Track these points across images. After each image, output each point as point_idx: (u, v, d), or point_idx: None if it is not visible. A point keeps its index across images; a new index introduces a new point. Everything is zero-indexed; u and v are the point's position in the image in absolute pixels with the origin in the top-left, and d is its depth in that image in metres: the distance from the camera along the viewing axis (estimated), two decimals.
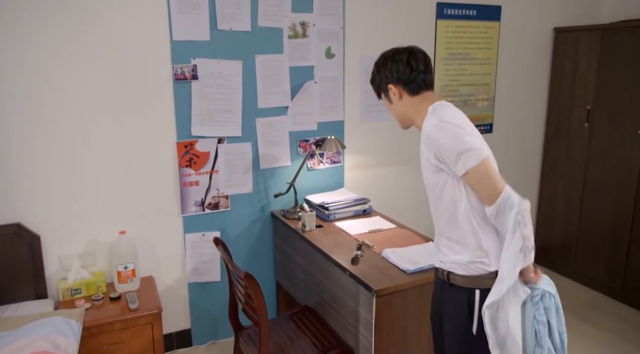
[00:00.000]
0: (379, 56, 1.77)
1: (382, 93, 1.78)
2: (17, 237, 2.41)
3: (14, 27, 2.26)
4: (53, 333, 2.05)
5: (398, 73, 1.69)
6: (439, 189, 1.65)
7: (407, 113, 1.73)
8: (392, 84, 1.71)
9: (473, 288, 1.63)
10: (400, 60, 1.69)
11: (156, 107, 2.60)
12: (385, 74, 1.72)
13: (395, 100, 1.73)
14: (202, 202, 2.78)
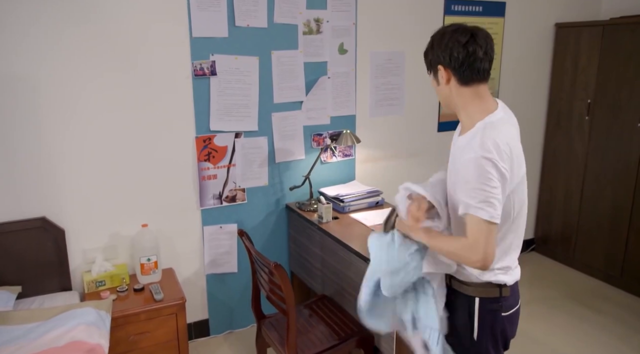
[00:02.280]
0: (439, 29, 1.58)
1: (432, 72, 1.62)
2: (42, 231, 2.46)
3: (37, 26, 2.30)
4: (86, 323, 2.11)
5: (451, 56, 1.51)
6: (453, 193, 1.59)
7: (452, 102, 1.59)
8: (442, 65, 1.54)
9: (473, 296, 1.62)
10: (458, 41, 1.50)
11: (176, 103, 2.65)
12: (437, 53, 1.55)
13: (443, 83, 1.57)
14: (219, 196, 2.85)
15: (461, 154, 1.52)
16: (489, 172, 1.42)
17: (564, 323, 3.16)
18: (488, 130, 1.48)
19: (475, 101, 1.54)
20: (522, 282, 3.74)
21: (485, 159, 1.42)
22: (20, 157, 2.38)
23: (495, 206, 1.43)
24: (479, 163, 1.43)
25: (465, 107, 1.56)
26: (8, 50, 2.27)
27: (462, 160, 1.48)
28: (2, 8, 2.22)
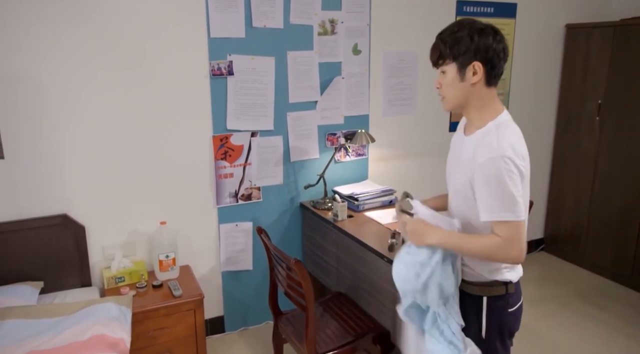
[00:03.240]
0: (470, 21, 1.50)
1: (454, 63, 1.50)
2: (64, 228, 2.50)
3: (58, 26, 2.35)
4: (108, 318, 2.15)
5: (495, 54, 1.47)
6: (462, 196, 1.59)
7: (469, 100, 1.55)
8: (480, 61, 1.47)
9: (481, 295, 1.64)
10: (501, 41, 1.48)
11: (194, 102, 2.70)
12: (479, 46, 1.46)
13: (469, 80, 1.50)
14: (235, 194, 2.89)
15: (472, 154, 1.51)
16: (510, 171, 1.43)
17: (572, 321, 3.19)
18: (502, 129, 1.49)
19: (492, 102, 1.55)
20: (531, 281, 3.81)
21: (506, 158, 1.42)
22: (43, 155, 2.43)
23: (520, 203, 1.45)
24: (498, 164, 1.42)
25: (481, 108, 1.55)
26: (36, 49, 2.31)
27: (479, 162, 1.46)
28: (38, 6, 2.27)
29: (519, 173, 1.45)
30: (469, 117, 1.61)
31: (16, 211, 2.42)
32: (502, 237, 1.47)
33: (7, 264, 2.40)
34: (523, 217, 1.46)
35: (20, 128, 2.36)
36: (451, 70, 1.52)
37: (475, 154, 1.49)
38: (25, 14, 2.27)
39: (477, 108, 1.55)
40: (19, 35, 2.28)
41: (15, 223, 2.40)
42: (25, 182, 2.42)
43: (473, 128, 1.58)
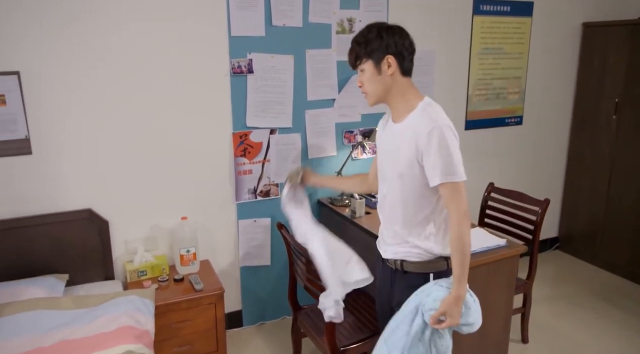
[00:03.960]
0: (379, 24, 1.71)
1: (371, 61, 1.69)
2: (88, 222, 2.56)
3: (86, 25, 2.41)
4: (133, 310, 2.20)
5: (403, 47, 1.67)
6: (408, 178, 1.71)
7: (390, 90, 1.71)
8: (392, 55, 1.66)
9: (427, 272, 1.77)
10: (407, 37, 1.70)
11: (214, 100, 2.74)
12: (388, 42, 1.66)
13: (386, 73, 1.68)
14: (254, 190, 2.93)
15: (413, 132, 1.66)
16: (453, 138, 1.64)
17: (588, 319, 3.19)
18: (434, 107, 1.70)
19: (411, 89, 1.74)
20: (546, 279, 3.82)
21: (447, 126, 1.64)
22: (69, 152, 2.49)
23: (461, 165, 1.66)
24: (442, 131, 1.61)
25: (403, 95, 1.72)
26: (63, 49, 2.37)
27: (426, 132, 1.62)
28: (70, 5, 2.33)
29: (457, 140, 1.67)
30: (395, 106, 1.76)
31: (43, 205, 2.48)
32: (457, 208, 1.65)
33: (34, 257, 2.47)
34: (464, 177, 1.66)
35: (47, 125, 2.42)
36: (368, 67, 1.70)
37: (416, 129, 1.65)
38: (58, 12, 2.33)
39: (401, 95, 1.72)
40: (48, 36, 2.34)
41: (42, 217, 2.46)
42: (51, 178, 2.48)
43: (402, 114, 1.73)
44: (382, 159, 1.84)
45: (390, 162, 1.77)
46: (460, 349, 2.36)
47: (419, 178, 1.69)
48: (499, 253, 2.35)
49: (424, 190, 1.71)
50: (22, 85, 2.33)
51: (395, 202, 1.78)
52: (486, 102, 3.65)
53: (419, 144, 1.64)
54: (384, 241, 1.89)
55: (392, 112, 1.79)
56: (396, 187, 1.76)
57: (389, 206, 1.81)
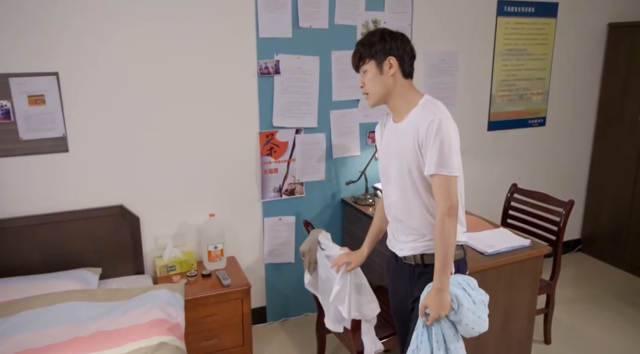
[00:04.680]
0: (382, 29, 1.80)
1: (373, 62, 1.77)
2: (120, 218, 2.65)
3: (121, 28, 2.49)
4: (164, 303, 2.28)
5: (404, 51, 1.76)
6: (416, 173, 1.74)
7: (391, 91, 1.77)
8: (394, 57, 1.75)
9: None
10: (408, 42, 1.79)
11: (242, 100, 2.81)
12: (391, 46, 1.75)
13: (387, 73, 1.75)
14: (279, 189, 2.99)
15: (415, 127, 1.71)
16: (449, 130, 1.67)
17: (611, 320, 3.18)
18: (435, 103, 1.75)
19: (412, 89, 1.80)
20: (569, 281, 3.81)
21: (444, 118, 1.68)
22: (103, 150, 2.58)
23: (455, 160, 1.69)
24: (439, 123, 1.66)
25: (405, 96, 1.78)
26: (98, 52, 2.46)
27: (426, 124, 1.67)
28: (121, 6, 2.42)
29: (456, 133, 1.71)
30: (396, 106, 1.81)
31: (78, 201, 2.57)
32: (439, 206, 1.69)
33: (68, 251, 2.56)
34: (456, 173, 1.70)
35: (83, 124, 2.51)
36: (371, 67, 1.78)
37: (417, 123, 1.70)
38: (94, 16, 2.42)
39: (402, 95, 1.78)
40: (85, 38, 2.43)
41: (77, 212, 2.56)
42: (86, 175, 2.57)
43: (403, 113, 1.79)
44: (386, 160, 1.87)
45: (395, 161, 1.80)
46: (483, 347, 2.39)
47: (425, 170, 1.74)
48: (523, 253, 2.37)
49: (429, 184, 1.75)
50: (60, 86, 2.42)
51: (407, 199, 1.80)
52: (509, 103, 3.65)
53: (420, 136, 1.70)
54: (397, 240, 1.90)
55: (393, 113, 1.84)
56: (406, 185, 1.78)
57: (401, 205, 1.83)
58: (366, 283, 2.12)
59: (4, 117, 2.35)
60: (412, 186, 1.77)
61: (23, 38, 2.33)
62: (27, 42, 2.34)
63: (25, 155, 2.43)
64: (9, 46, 2.31)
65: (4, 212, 2.45)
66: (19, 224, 2.45)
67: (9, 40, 2.31)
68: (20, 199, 2.47)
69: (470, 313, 1.69)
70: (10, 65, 2.33)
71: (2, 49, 2.31)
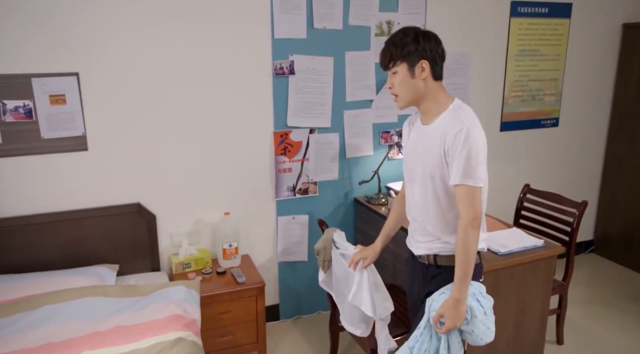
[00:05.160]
0: (415, 28, 1.75)
1: (405, 64, 1.72)
2: (137, 216, 2.69)
3: (138, 29, 2.54)
4: (181, 299, 2.32)
5: (437, 53, 1.73)
6: (439, 179, 1.74)
7: (422, 94, 1.75)
8: (426, 60, 1.71)
9: None
10: (440, 43, 1.76)
11: (257, 100, 2.85)
12: (424, 48, 1.71)
13: (419, 77, 1.72)
14: (293, 188, 3.02)
15: (443, 133, 1.70)
16: (478, 140, 1.66)
17: (624, 322, 3.17)
18: (465, 108, 1.74)
19: (443, 92, 1.78)
20: (581, 282, 3.81)
21: (474, 127, 1.67)
22: (121, 149, 2.63)
23: (483, 171, 1.68)
24: (467, 133, 1.65)
25: (435, 98, 1.76)
26: (110, 55, 2.51)
27: (454, 132, 1.66)
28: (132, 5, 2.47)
29: (483, 141, 1.70)
30: (426, 108, 1.79)
31: (96, 198, 2.62)
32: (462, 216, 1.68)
33: (87, 247, 2.61)
34: (481, 184, 1.68)
35: (102, 123, 2.56)
36: (402, 69, 1.74)
37: (446, 130, 1.69)
38: (114, 18, 2.47)
39: (433, 98, 1.76)
40: (104, 39, 2.48)
41: (96, 210, 2.61)
42: (105, 173, 2.62)
43: (432, 116, 1.77)
44: (411, 161, 1.86)
45: (420, 163, 1.80)
46: (496, 347, 2.40)
47: (448, 178, 1.73)
48: (536, 253, 2.38)
49: (454, 189, 1.74)
50: (80, 86, 2.47)
51: (426, 202, 1.81)
52: (522, 104, 3.66)
53: (447, 144, 1.68)
54: (414, 239, 1.92)
55: (422, 114, 1.82)
56: (427, 188, 1.78)
57: (420, 206, 1.84)
58: (381, 281, 2.14)
59: (26, 116, 2.41)
60: (432, 190, 1.77)
61: (45, 40, 2.38)
62: (48, 44, 2.39)
63: (46, 153, 2.49)
64: (32, 47, 2.37)
65: (25, 209, 2.50)
66: (39, 221, 2.50)
67: (31, 41, 2.36)
68: (41, 197, 2.52)
69: (481, 324, 1.71)
70: (33, 65, 2.38)
71: (25, 50, 2.36)
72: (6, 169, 2.44)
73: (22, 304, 2.17)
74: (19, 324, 2.06)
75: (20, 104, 2.39)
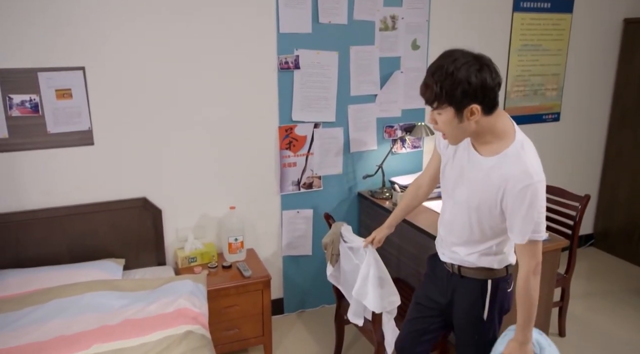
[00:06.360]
0: (466, 58, 1.46)
1: (452, 109, 1.48)
2: (143, 210, 2.70)
3: (144, 23, 2.53)
4: (188, 293, 2.33)
5: (492, 90, 1.48)
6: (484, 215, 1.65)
7: (478, 133, 1.56)
8: (477, 103, 1.46)
9: (486, 279, 1.75)
10: (497, 72, 1.50)
11: (262, 95, 2.85)
12: (476, 89, 1.44)
13: (468, 120, 1.50)
14: (298, 182, 3.04)
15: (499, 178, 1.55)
16: (544, 196, 1.54)
17: (625, 314, 3.21)
18: (527, 150, 1.55)
19: (499, 122, 1.56)
20: (582, 275, 3.83)
21: (540, 182, 1.52)
22: (127, 144, 2.63)
23: (545, 223, 1.58)
24: (534, 189, 1.51)
25: (492, 131, 1.56)
26: (119, 49, 2.51)
27: (517, 190, 1.52)
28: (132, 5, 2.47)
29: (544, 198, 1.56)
30: (482, 141, 1.61)
31: (102, 193, 2.63)
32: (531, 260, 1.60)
33: (94, 242, 2.62)
34: (546, 236, 1.63)
35: (108, 118, 2.56)
36: (448, 113, 1.50)
37: (507, 177, 1.53)
38: (119, 12, 2.46)
39: (489, 132, 1.57)
40: (110, 34, 2.47)
41: (102, 204, 2.61)
42: (111, 168, 2.62)
43: (490, 150, 1.59)
44: (454, 182, 1.73)
45: (466, 190, 1.68)
46: None
47: (497, 217, 1.64)
48: None
49: (496, 226, 1.66)
50: (86, 80, 2.47)
51: (462, 227, 1.74)
52: (524, 99, 3.67)
53: (509, 195, 1.55)
54: (440, 245, 1.89)
55: (477, 144, 1.63)
56: (470, 216, 1.69)
57: (456, 228, 1.77)
58: (388, 276, 2.16)
59: (32, 111, 2.40)
60: (475, 220, 1.68)
61: (51, 34, 2.37)
62: (55, 38, 2.38)
63: (52, 148, 2.48)
64: (38, 42, 2.36)
65: (32, 203, 2.50)
66: (46, 216, 2.51)
67: (37, 35, 2.36)
68: (48, 191, 2.53)
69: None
70: (39, 60, 2.38)
71: (31, 45, 2.35)
72: (13, 163, 2.44)
73: (32, 298, 2.18)
74: (29, 317, 2.07)
75: (26, 98, 2.39)
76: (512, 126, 1.60)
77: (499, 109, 1.56)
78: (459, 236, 1.77)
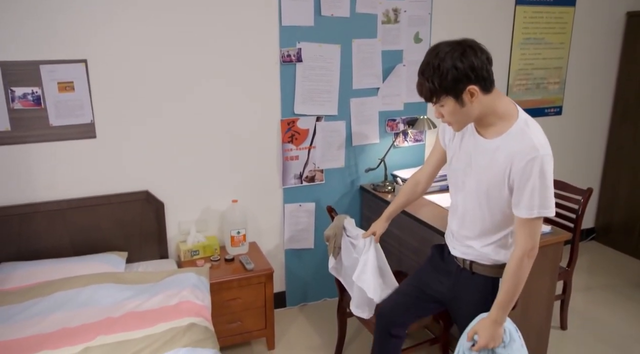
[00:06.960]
0: (447, 48, 1.51)
1: (451, 98, 1.53)
2: (146, 204, 2.70)
3: (147, 16, 2.52)
4: (191, 286, 2.33)
5: (483, 68, 1.51)
6: (494, 199, 1.66)
7: (478, 114, 1.58)
8: (473, 84, 1.50)
9: (497, 277, 1.75)
10: (483, 51, 1.53)
11: (265, 88, 2.84)
12: (466, 72, 1.48)
13: (470, 102, 1.54)
14: (300, 176, 3.03)
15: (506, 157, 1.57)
16: (551, 168, 1.54)
17: (626, 308, 3.22)
18: (531, 127, 1.57)
19: (499, 101, 1.59)
20: (583, 269, 3.83)
21: (547, 155, 1.53)
22: (129, 137, 2.63)
23: (553, 198, 1.57)
24: (541, 162, 1.51)
25: (493, 111, 1.58)
26: (121, 43, 2.50)
27: (516, 161, 1.54)
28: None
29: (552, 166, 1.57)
30: (486, 123, 1.63)
31: (105, 186, 2.63)
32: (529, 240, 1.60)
33: (96, 235, 2.62)
34: (554, 212, 1.59)
35: (110, 111, 2.56)
36: (449, 102, 1.55)
37: (513, 153, 1.55)
38: (122, 5, 2.45)
39: (492, 112, 1.59)
40: (113, 27, 2.47)
41: (104, 197, 2.61)
42: (113, 161, 2.62)
43: (494, 131, 1.62)
44: (462, 172, 1.74)
45: (474, 177, 1.69)
46: None
47: (507, 199, 1.64)
48: (543, 239, 2.35)
49: (508, 210, 1.66)
50: (89, 73, 2.46)
51: (474, 217, 1.74)
52: (526, 92, 3.67)
53: (514, 171, 1.56)
54: (450, 239, 1.90)
55: (480, 127, 1.66)
56: (480, 203, 1.70)
57: (468, 219, 1.77)
58: (388, 268, 2.17)
59: (35, 103, 2.40)
60: (486, 208, 1.69)
61: (53, 26, 2.37)
62: (56, 30, 2.38)
63: (54, 141, 2.48)
64: (40, 34, 2.36)
65: (35, 196, 2.50)
66: (49, 209, 2.51)
67: (39, 28, 2.35)
68: (51, 184, 2.52)
69: (518, 352, 1.68)
70: (41, 52, 2.37)
71: (33, 37, 2.35)
72: (15, 156, 2.44)
73: (35, 291, 2.19)
74: (32, 310, 2.08)
75: (28, 91, 2.38)
76: (515, 107, 1.63)
77: (499, 91, 1.60)
78: (472, 228, 1.77)
